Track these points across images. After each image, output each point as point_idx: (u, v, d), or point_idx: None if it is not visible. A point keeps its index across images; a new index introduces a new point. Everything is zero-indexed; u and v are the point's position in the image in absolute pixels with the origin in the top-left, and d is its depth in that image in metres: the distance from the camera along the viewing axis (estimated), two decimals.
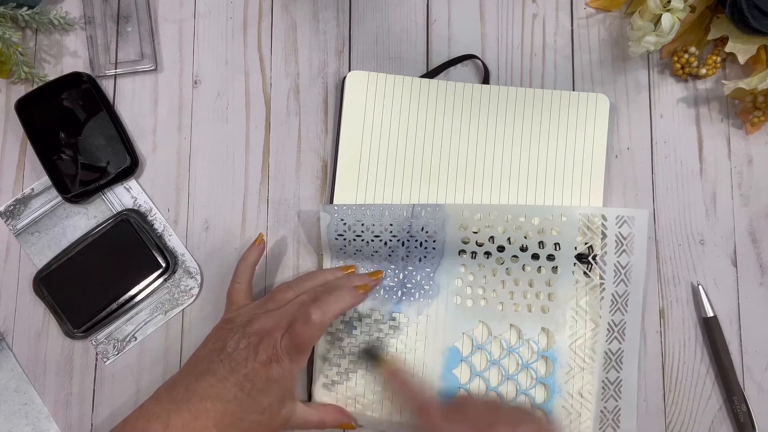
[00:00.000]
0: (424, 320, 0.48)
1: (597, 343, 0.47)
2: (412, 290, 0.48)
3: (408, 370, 0.47)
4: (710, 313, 0.48)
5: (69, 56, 0.52)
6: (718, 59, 0.50)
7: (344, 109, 0.50)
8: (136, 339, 0.49)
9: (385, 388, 0.47)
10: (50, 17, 0.50)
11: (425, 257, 0.48)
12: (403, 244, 0.48)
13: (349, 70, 0.52)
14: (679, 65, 0.50)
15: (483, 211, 0.48)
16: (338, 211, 0.48)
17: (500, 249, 0.48)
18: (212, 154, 0.51)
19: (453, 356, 0.48)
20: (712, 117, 0.51)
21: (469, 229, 0.48)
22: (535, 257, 0.48)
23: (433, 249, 0.48)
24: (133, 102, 0.51)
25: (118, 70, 0.51)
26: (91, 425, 0.48)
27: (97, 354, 0.49)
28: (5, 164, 0.51)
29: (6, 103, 0.51)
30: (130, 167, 0.49)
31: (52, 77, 0.50)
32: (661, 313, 0.49)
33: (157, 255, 0.48)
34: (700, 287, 0.49)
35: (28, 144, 0.50)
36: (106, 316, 0.48)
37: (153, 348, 0.49)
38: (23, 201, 0.50)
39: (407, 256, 0.48)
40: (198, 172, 0.51)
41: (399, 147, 0.50)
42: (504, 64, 0.52)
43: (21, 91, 0.51)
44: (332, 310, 0.42)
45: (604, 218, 0.48)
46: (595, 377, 0.47)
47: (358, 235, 0.48)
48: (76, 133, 0.49)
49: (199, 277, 0.49)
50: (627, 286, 0.48)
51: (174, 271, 0.49)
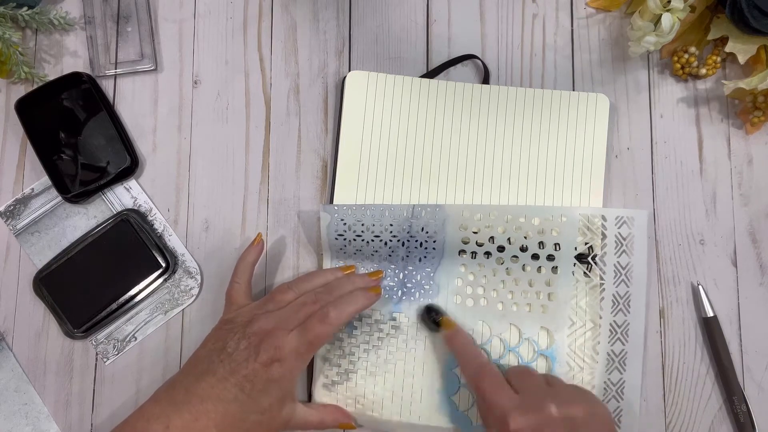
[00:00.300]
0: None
1: (599, 344, 0.47)
2: (413, 290, 0.48)
3: (467, 333, 0.47)
4: (710, 313, 0.48)
5: (69, 56, 0.52)
6: (718, 59, 0.50)
7: (344, 109, 0.50)
8: (136, 339, 0.49)
9: (446, 348, 0.47)
10: (50, 17, 0.50)
11: (425, 257, 0.48)
12: (403, 244, 0.48)
13: (349, 70, 0.52)
14: (679, 65, 0.50)
15: (483, 211, 0.48)
16: (338, 211, 0.48)
17: (500, 249, 0.48)
18: (212, 154, 0.51)
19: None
20: (712, 117, 0.51)
21: (469, 229, 0.48)
22: (535, 257, 0.48)
23: (433, 249, 0.48)
24: (133, 102, 0.51)
25: (118, 70, 0.51)
26: (91, 425, 0.48)
27: (97, 354, 0.49)
28: (5, 164, 0.51)
29: (6, 103, 0.51)
30: (130, 167, 0.49)
31: (52, 77, 0.50)
32: (661, 313, 0.49)
33: (157, 255, 0.48)
34: (700, 287, 0.49)
35: (28, 144, 0.50)
36: (106, 316, 0.48)
37: (153, 348, 0.49)
38: (23, 201, 0.50)
39: (407, 256, 0.48)
40: (198, 172, 0.51)
41: (399, 147, 0.50)
42: (504, 64, 0.52)
43: (21, 91, 0.51)
44: (348, 310, 0.43)
45: (603, 219, 0.48)
46: (596, 378, 0.47)
47: (358, 235, 0.48)
48: (76, 133, 0.49)
49: (199, 277, 0.50)
50: (628, 287, 0.48)
51: (174, 271, 0.49)
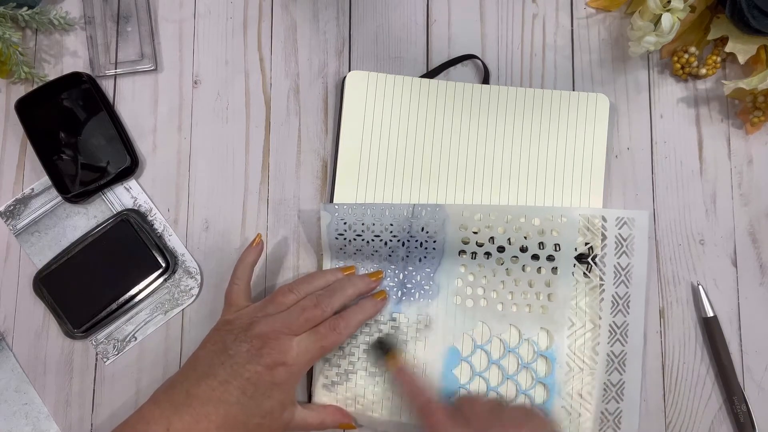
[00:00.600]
0: (424, 320, 0.48)
1: (599, 344, 0.47)
2: (412, 290, 0.48)
3: (414, 367, 0.47)
4: (710, 313, 0.48)
5: (69, 56, 0.52)
6: (718, 59, 0.50)
7: (344, 109, 0.50)
8: (136, 339, 0.49)
9: (391, 383, 0.47)
10: (50, 17, 0.50)
11: (425, 257, 0.48)
12: (403, 244, 0.48)
13: (349, 70, 0.52)
14: (679, 65, 0.50)
15: (483, 211, 0.48)
16: (339, 210, 0.48)
17: (500, 249, 0.48)
18: (212, 154, 0.51)
19: (453, 356, 0.48)
20: (712, 117, 0.51)
21: (469, 230, 0.48)
22: (535, 258, 0.48)
23: (433, 249, 0.48)
24: (133, 102, 0.51)
25: (118, 70, 0.51)
26: (91, 425, 0.48)
27: (97, 354, 0.49)
28: (5, 164, 0.51)
29: (6, 103, 0.51)
30: (130, 167, 0.49)
31: (52, 77, 0.50)
32: (661, 313, 0.49)
33: (157, 255, 0.48)
34: (700, 287, 0.49)
35: (28, 144, 0.50)
36: (106, 316, 0.48)
37: (153, 348, 0.49)
38: (23, 201, 0.50)
39: (407, 256, 0.48)
40: (198, 172, 0.51)
41: (399, 147, 0.50)
42: (504, 64, 0.52)
43: (21, 91, 0.51)
44: (358, 318, 0.45)
45: (604, 219, 0.48)
46: (596, 379, 0.47)
47: (358, 235, 0.48)
48: (76, 133, 0.49)
49: (199, 277, 0.49)
50: (628, 288, 0.48)
51: (174, 271, 0.49)
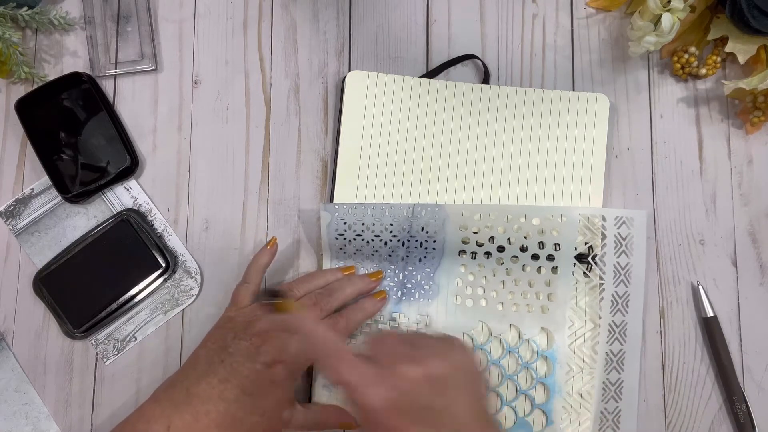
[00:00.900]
0: (424, 320, 0.48)
1: (598, 344, 0.47)
2: (412, 290, 0.48)
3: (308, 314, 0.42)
4: (710, 313, 0.48)
5: (69, 56, 0.52)
6: (718, 59, 0.50)
7: (344, 109, 0.50)
8: (136, 339, 0.49)
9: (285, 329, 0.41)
10: (50, 17, 0.50)
11: (425, 257, 0.48)
12: (403, 244, 0.48)
13: (349, 70, 0.52)
14: (679, 65, 0.50)
15: (483, 211, 0.48)
16: (339, 210, 0.48)
17: (500, 249, 0.48)
18: (212, 154, 0.51)
19: None
20: (712, 117, 0.51)
21: (469, 229, 0.48)
22: (535, 257, 0.48)
23: (433, 249, 0.48)
24: (133, 102, 0.51)
25: (118, 70, 0.51)
26: (91, 425, 0.48)
27: (97, 354, 0.49)
28: (5, 164, 0.51)
29: (6, 103, 0.51)
30: (130, 167, 0.49)
31: (52, 77, 0.50)
32: (661, 313, 0.49)
33: (157, 255, 0.48)
34: (700, 287, 0.49)
35: (28, 144, 0.50)
36: (106, 316, 0.48)
37: (153, 348, 0.49)
38: (23, 201, 0.50)
39: (407, 256, 0.48)
40: (198, 172, 0.51)
41: (399, 147, 0.50)
42: (504, 64, 0.52)
43: (21, 91, 0.51)
44: (357, 318, 0.45)
45: (603, 219, 0.48)
46: (595, 378, 0.47)
47: (358, 235, 0.48)
48: (76, 133, 0.49)
49: (199, 277, 0.49)
50: (627, 287, 0.48)
51: (174, 271, 0.49)
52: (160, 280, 0.49)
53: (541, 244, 0.48)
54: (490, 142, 0.50)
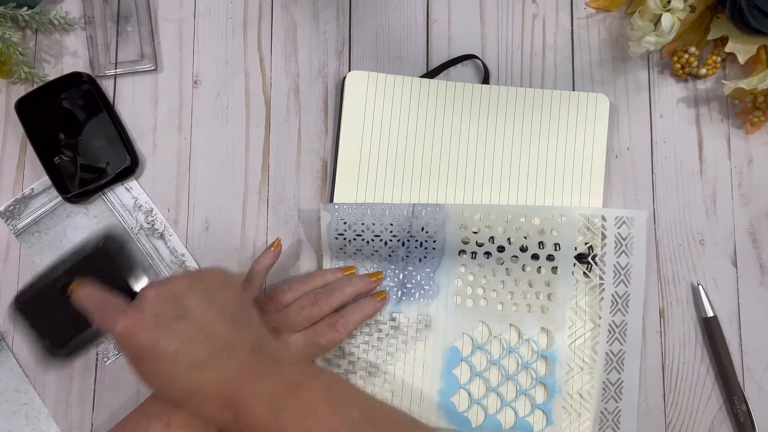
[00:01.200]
0: (424, 320, 0.48)
1: (598, 344, 0.47)
2: (412, 290, 0.48)
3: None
4: (710, 313, 0.48)
5: (69, 56, 0.52)
6: (718, 59, 0.50)
7: (344, 109, 0.50)
8: None
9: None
10: (50, 17, 0.50)
11: (425, 257, 0.48)
12: (403, 244, 0.48)
13: (349, 70, 0.52)
14: (679, 65, 0.50)
15: (483, 211, 0.48)
16: (339, 210, 0.48)
17: (500, 249, 0.48)
18: (212, 154, 0.51)
19: (453, 356, 0.48)
20: (712, 117, 0.51)
21: (470, 229, 0.48)
22: (535, 257, 0.48)
23: (433, 249, 0.48)
24: (133, 102, 0.51)
25: (118, 70, 0.51)
26: (92, 425, 0.48)
27: (97, 354, 0.49)
28: (5, 164, 0.51)
29: (6, 103, 0.51)
30: (130, 167, 0.49)
31: (52, 77, 0.50)
32: (661, 313, 0.49)
33: (137, 280, 0.45)
34: (700, 287, 0.49)
35: (28, 144, 0.50)
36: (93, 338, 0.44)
37: None
38: (23, 201, 0.50)
39: (407, 256, 0.48)
40: (198, 172, 0.51)
41: (399, 147, 0.50)
42: (504, 64, 0.52)
43: (21, 91, 0.51)
44: (356, 318, 0.45)
45: (603, 219, 0.48)
46: (595, 378, 0.47)
47: (358, 235, 0.48)
48: (76, 133, 0.49)
49: None
50: (627, 287, 0.48)
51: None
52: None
53: (541, 244, 0.48)
54: (490, 142, 0.50)
